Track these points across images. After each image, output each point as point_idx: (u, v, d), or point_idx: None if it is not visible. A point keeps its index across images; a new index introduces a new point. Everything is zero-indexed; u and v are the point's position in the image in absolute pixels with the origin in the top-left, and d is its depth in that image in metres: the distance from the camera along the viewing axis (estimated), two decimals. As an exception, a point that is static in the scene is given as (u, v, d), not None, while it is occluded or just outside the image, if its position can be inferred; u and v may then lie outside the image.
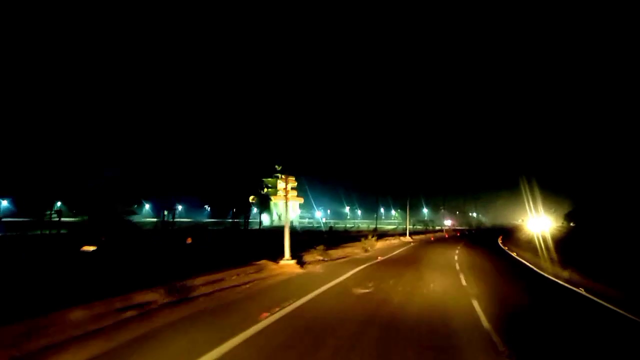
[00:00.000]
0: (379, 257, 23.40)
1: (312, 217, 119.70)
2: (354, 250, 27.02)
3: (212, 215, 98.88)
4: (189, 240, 27.07)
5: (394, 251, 29.19)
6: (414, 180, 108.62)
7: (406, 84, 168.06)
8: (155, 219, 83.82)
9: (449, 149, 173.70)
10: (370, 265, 19.59)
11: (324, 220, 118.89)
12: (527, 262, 23.60)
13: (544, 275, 18.20)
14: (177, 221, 77.22)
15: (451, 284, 14.69)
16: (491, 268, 20.74)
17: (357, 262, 20.85)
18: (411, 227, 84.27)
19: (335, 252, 24.10)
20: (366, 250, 27.38)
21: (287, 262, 17.77)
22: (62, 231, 38.09)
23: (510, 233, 66.28)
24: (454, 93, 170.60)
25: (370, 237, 30.90)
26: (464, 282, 15.02)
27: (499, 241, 45.60)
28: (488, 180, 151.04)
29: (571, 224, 63.80)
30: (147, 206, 79.15)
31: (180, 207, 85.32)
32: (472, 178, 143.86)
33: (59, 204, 70.79)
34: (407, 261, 22.27)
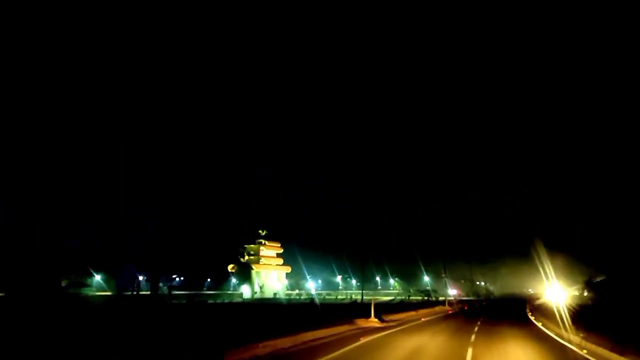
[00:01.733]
0: None
1: (303, 288, 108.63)
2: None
3: (184, 286, 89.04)
4: None
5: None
6: (413, 246, 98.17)
7: (401, 140, 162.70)
8: (110, 293, 73.52)
9: (450, 210, 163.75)
10: None
11: (313, 291, 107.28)
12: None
13: None
14: (136, 294, 66.94)
15: None
16: None
17: None
18: (405, 298, 72.99)
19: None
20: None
21: None
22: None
23: (537, 306, 51.01)
24: (454, 149, 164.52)
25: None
26: None
27: (542, 326, 25.59)
28: (493, 244, 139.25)
29: (589, 294, 52.37)
30: (97, 277, 69.06)
31: (141, 278, 75.24)
32: (476, 242, 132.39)
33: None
34: None
